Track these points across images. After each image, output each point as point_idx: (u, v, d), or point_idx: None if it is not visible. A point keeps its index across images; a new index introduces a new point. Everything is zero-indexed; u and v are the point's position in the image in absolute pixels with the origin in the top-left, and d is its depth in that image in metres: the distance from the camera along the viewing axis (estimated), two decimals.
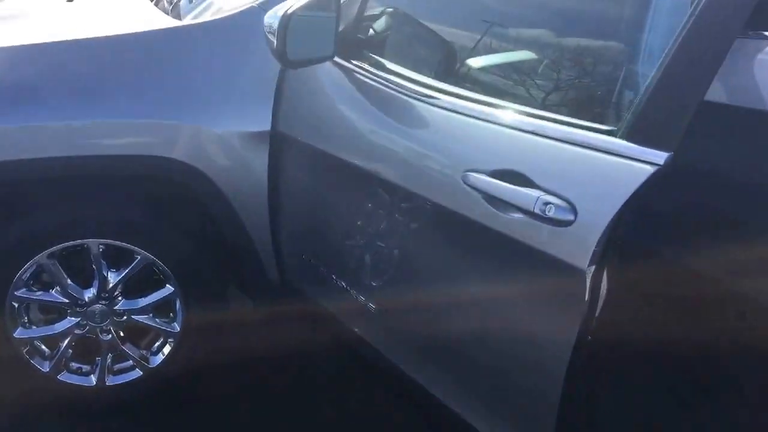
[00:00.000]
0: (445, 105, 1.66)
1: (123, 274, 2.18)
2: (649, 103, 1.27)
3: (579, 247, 1.29)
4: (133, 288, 2.24)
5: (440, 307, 1.66)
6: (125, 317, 2.24)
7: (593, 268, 1.27)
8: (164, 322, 2.29)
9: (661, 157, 1.23)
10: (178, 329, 2.28)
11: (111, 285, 2.18)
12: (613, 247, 1.26)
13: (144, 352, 2.33)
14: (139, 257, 2.16)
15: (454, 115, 1.63)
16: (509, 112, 1.53)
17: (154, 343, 2.35)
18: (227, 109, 2.07)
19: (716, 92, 1.22)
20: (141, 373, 2.33)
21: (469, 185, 1.49)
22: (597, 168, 1.33)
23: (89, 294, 2.19)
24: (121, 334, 2.27)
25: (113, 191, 2.13)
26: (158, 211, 2.17)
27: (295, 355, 2.37)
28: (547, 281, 1.38)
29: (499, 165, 1.46)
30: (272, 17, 1.73)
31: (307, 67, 1.89)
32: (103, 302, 2.20)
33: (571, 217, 1.31)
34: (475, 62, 1.83)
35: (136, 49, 2.09)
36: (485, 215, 1.46)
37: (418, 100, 1.72)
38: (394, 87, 1.80)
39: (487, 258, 1.53)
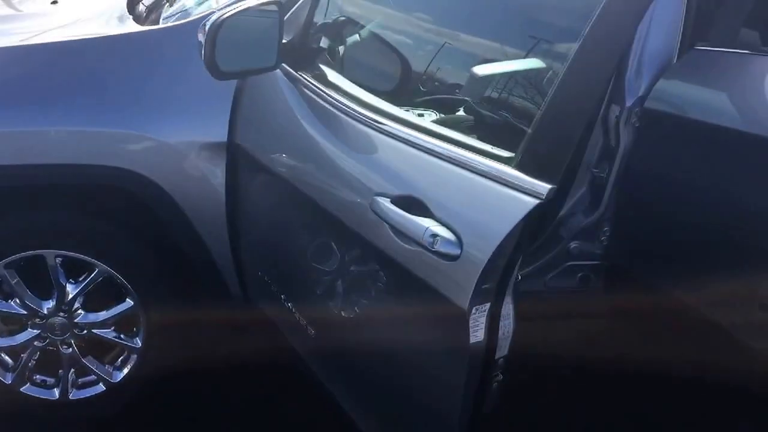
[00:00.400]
0: (372, 123, 1.61)
1: (81, 287, 2.25)
2: (537, 132, 1.24)
3: (462, 285, 1.26)
4: (98, 301, 2.31)
5: (359, 335, 1.65)
6: (86, 331, 2.32)
7: (475, 308, 1.24)
8: (127, 336, 2.35)
9: (545, 189, 1.19)
10: (140, 344, 2.34)
11: (70, 297, 2.26)
12: (493, 285, 1.23)
13: (107, 366, 2.40)
14: (97, 269, 2.23)
15: (376, 134, 1.59)
16: (423, 134, 1.48)
17: (118, 358, 2.41)
18: (183, 118, 2.10)
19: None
20: (104, 387, 2.40)
21: (374, 211, 1.47)
22: (488, 198, 1.29)
23: (48, 306, 2.27)
24: (83, 347, 2.35)
25: (67, 201, 2.19)
26: (114, 223, 2.23)
27: (261, 371, 2.39)
28: (440, 319, 1.35)
29: (403, 190, 1.43)
30: (209, 22, 1.68)
31: (249, 77, 1.90)
32: (63, 315, 2.28)
33: (457, 252, 1.28)
34: (403, 80, 1.79)
35: (89, 55, 2.16)
36: (387, 243, 1.44)
37: (351, 117, 1.68)
38: (333, 102, 1.75)
39: (388, 287, 1.51)
